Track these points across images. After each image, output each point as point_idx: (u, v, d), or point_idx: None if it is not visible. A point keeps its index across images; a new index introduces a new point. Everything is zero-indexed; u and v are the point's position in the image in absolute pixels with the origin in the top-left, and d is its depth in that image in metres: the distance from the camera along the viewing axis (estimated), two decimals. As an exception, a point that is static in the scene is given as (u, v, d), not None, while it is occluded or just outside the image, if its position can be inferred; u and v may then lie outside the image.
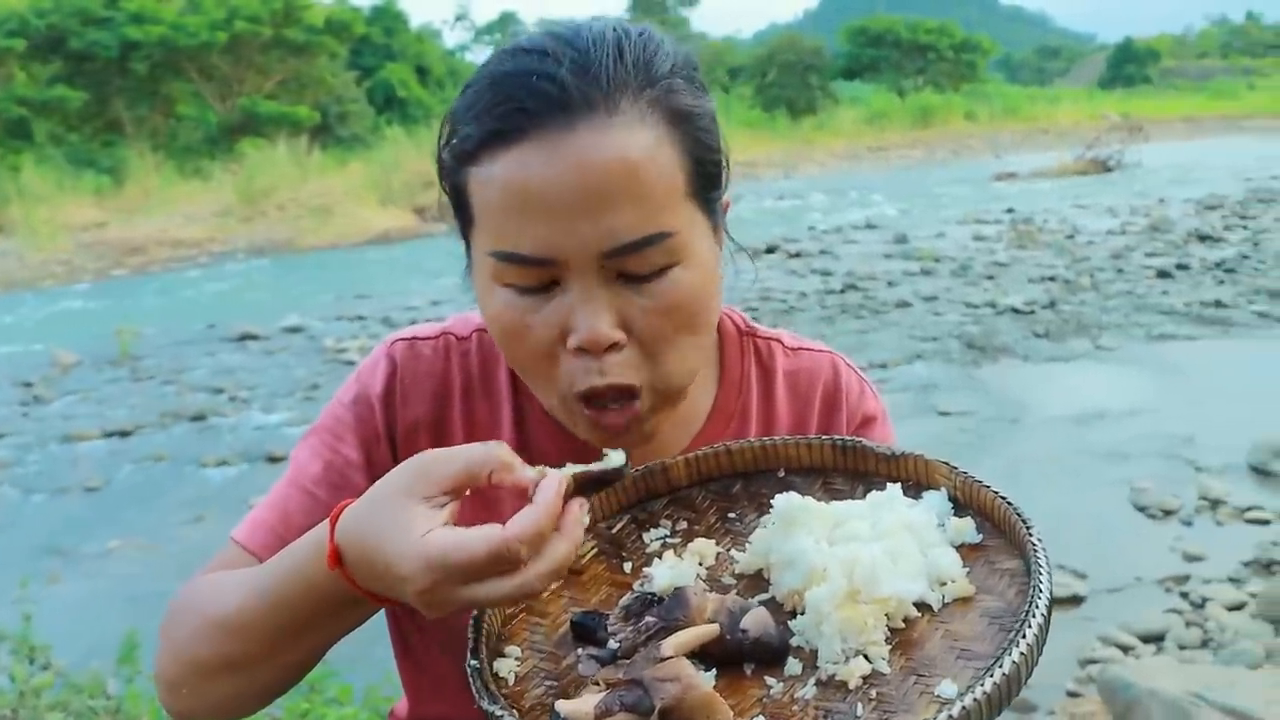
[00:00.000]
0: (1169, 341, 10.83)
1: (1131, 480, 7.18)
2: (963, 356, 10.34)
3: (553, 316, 1.09)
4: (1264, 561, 5.99)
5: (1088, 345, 10.70)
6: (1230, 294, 12.48)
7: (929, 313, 11.93)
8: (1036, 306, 11.91)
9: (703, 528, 1.16)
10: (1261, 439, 7.54)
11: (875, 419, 1.39)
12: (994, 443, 8.11)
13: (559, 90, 1.05)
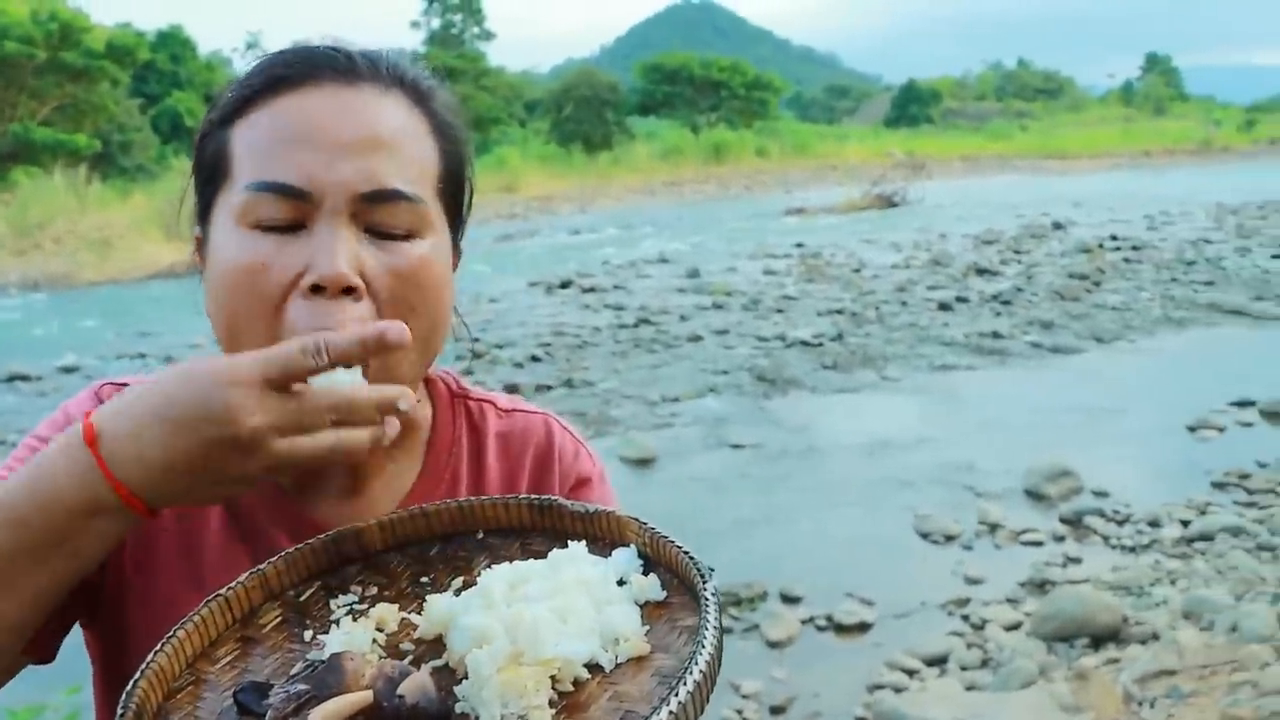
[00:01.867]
0: (950, 371, 11.23)
1: (915, 507, 7.41)
2: (753, 389, 10.51)
3: (294, 256, 1.05)
4: (1037, 581, 6.25)
5: (874, 376, 11.00)
6: (1006, 325, 13.03)
7: (720, 346, 12.09)
8: (825, 339, 12.19)
9: (393, 593, 1.11)
10: (1035, 464, 7.89)
11: (590, 481, 1.35)
12: (785, 474, 8.25)
13: (346, 60, 1.09)
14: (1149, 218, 24.36)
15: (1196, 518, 7.15)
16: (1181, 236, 20.71)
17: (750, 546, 6.92)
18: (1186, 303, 14.46)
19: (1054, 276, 16.16)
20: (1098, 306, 14.18)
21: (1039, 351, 12.01)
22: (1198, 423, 9.30)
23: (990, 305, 14.22)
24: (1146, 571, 6.32)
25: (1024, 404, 10.11)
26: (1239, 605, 5.13)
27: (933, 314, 13.76)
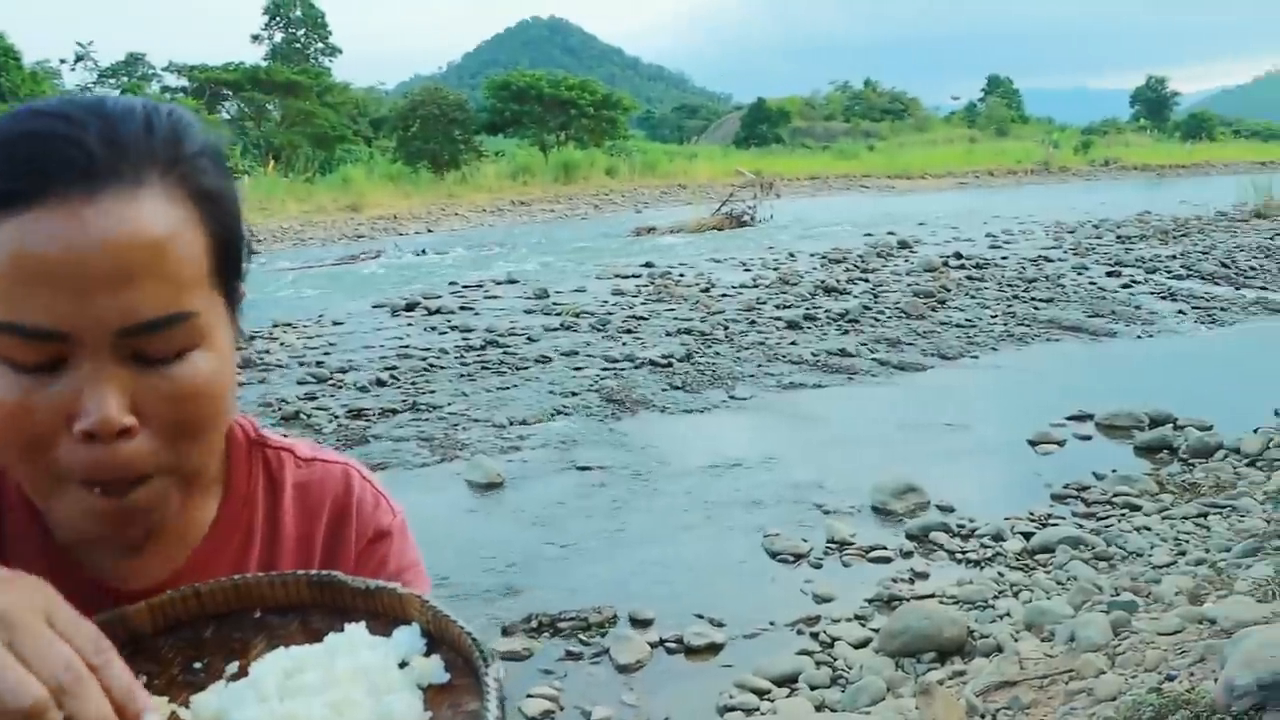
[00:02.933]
0: (798, 390, 11.31)
1: (765, 526, 7.41)
2: (602, 410, 10.44)
3: (59, 398, 0.95)
4: (885, 598, 6.28)
5: (723, 396, 11.02)
6: (853, 343, 13.19)
7: (569, 368, 11.99)
8: (674, 359, 12.17)
9: (163, 681, 1.01)
10: (881, 481, 7.95)
11: (390, 534, 1.30)
12: (634, 495, 8.19)
13: (84, 156, 0.94)
14: (992, 236, 24.99)
15: (1038, 530, 7.28)
16: (1023, 255, 21.27)
17: (599, 569, 6.84)
18: (1028, 319, 14.83)
19: (900, 295, 16.43)
20: (943, 324, 14.45)
21: (885, 369, 12.18)
22: (1038, 436, 9.51)
23: (838, 324, 14.40)
24: (990, 585, 6.39)
25: (871, 421, 10.23)
26: (1077, 615, 5.21)
27: (781, 333, 13.86)
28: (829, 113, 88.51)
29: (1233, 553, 6.09)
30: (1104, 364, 12.79)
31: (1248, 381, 11.58)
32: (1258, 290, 17.36)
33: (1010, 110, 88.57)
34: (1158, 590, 5.59)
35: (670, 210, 36.71)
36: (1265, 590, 4.77)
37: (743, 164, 51.21)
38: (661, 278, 18.69)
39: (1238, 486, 8.00)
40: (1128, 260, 20.35)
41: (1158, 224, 26.34)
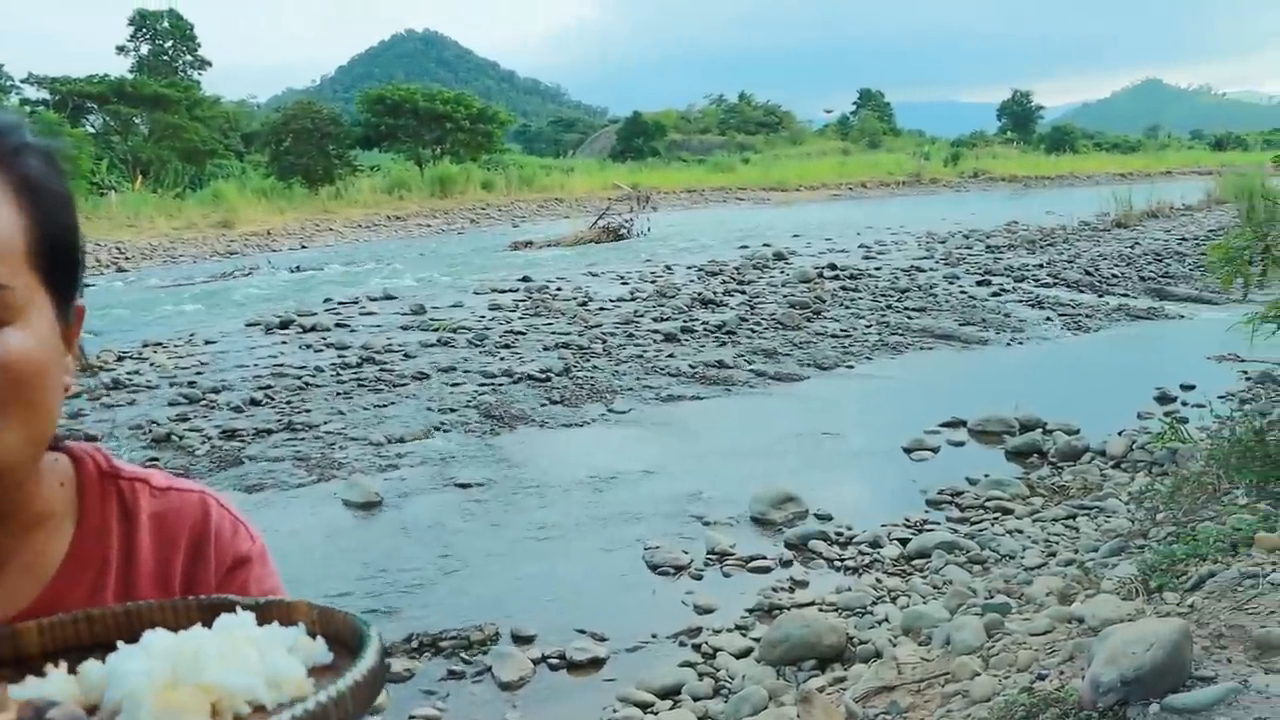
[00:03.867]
0: (677, 402, 11.36)
1: (645, 539, 7.41)
2: (481, 427, 10.37)
3: None
4: (766, 607, 6.31)
5: (601, 409, 11.02)
6: (731, 355, 13.29)
7: (447, 384, 11.88)
8: (552, 373, 12.13)
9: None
10: (760, 491, 8.01)
11: (249, 560, 1.28)
12: (514, 511, 8.14)
13: None
14: (865, 247, 25.37)
15: (914, 536, 7.39)
16: (896, 265, 21.61)
17: (480, 587, 6.78)
18: (901, 328, 15.08)
19: (776, 306, 16.60)
20: (818, 334, 14.63)
21: (763, 380, 12.28)
22: (913, 444, 9.66)
23: (715, 336, 14.49)
24: (868, 591, 6.47)
25: (749, 432, 10.31)
26: (953, 619, 5.29)
27: (659, 345, 13.91)
28: (704, 126, 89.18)
29: (1100, 553, 6.24)
30: (976, 371, 13.06)
31: (1112, 385, 11.92)
32: (1120, 297, 17.89)
33: (882, 123, 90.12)
34: (1029, 591, 5.70)
35: (547, 224, 36.72)
36: (1129, 588, 4.89)
37: (619, 177, 51.43)
38: (539, 292, 18.64)
39: (1104, 488, 8.22)
40: (997, 269, 20.82)
41: (1025, 234, 26.97)
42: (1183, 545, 5.02)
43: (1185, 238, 24.70)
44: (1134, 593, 4.81)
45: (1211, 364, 12.22)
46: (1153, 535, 5.94)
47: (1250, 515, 5.24)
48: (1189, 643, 3.45)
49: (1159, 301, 17.54)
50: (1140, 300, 17.65)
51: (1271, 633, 3.69)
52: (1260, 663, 3.53)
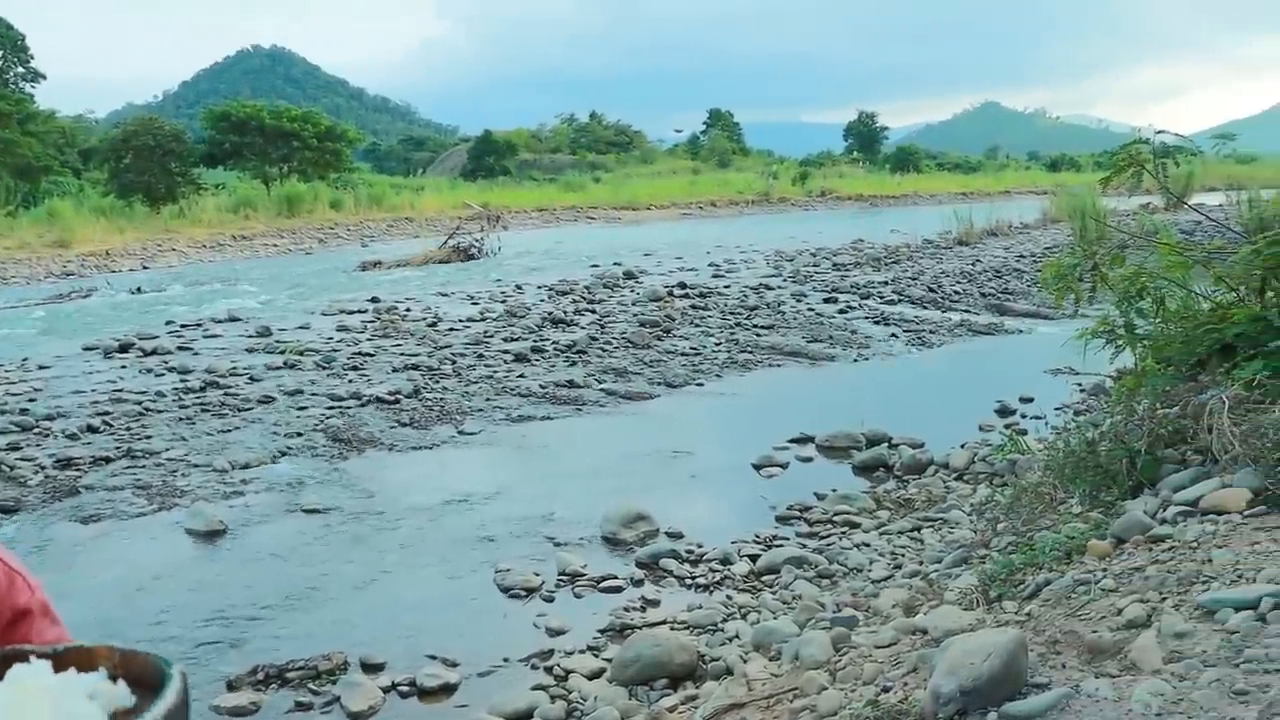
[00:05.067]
0: (527, 422, 11.31)
1: (496, 562, 7.35)
2: (329, 450, 10.19)
3: None
4: (618, 627, 6.31)
5: (451, 431, 10.92)
6: (581, 374, 13.29)
7: (293, 408, 11.65)
8: (401, 395, 11.99)
9: None
10: (611, 510, 8.00)
11: (30, 613, 1.23)
12: (362, 536, 8.01)
13: None
14: (715, 265, 25.62)
15: (764, 552, 7.47)
16: (745, 283, 21.85)
17: (329, 615, 6.64)
18: (750, 346, 15.25)
19: (627, 325, 16.66)
20: (668, 353, 14.71)
21: (613, 399, 12.31)
22: (762, 460, 9.76)
23: (566, 355, 14.48)
24: (719, 608, 6.50)
25: (601, 451, 10.32)
26: (802, 634, 5.34)
27: (509, 366, 13.84)
28: (555, 145, 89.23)
29: (944, 564, 6.37)
30: (823, 387, 13.27)
31: (955, 399, 12.22)
32: (962, 313, 18.37)
33: (731, 142, 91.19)
34: (876, 604, 5.79)
35: (398, 244, 36.35)
36: (970, 599, 5.00)
37: (470, 196, 51.22)
38: (388, 313, 18.40)
39: (948, 500, 8.40)
40: (844, 287, 21.21)
41: (871, 252, 27.51)
42: (1020, 554, 5.15)
43: (1023, 255, 25.44)
44: (975, 603, 4.92)
45: (1048, 377, 12.60)
46: (994, 545, 6.08)
47: (1083, 524, 5.40)
48: (1024, 651, 3.53)
49: (999, 317, 18.06)
50: (981, 316, 18.16)
51: (1102, 637, 3.80)
52: (1092, 667, 3.63)
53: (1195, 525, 4.79)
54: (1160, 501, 5.29)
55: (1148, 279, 6.86)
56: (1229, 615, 3.70)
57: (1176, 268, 6.99)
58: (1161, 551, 4.60)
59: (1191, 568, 4.29)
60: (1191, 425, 5.76)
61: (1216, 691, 3.16)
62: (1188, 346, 6.61)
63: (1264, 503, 4.80)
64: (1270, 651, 3.35)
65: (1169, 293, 7.00)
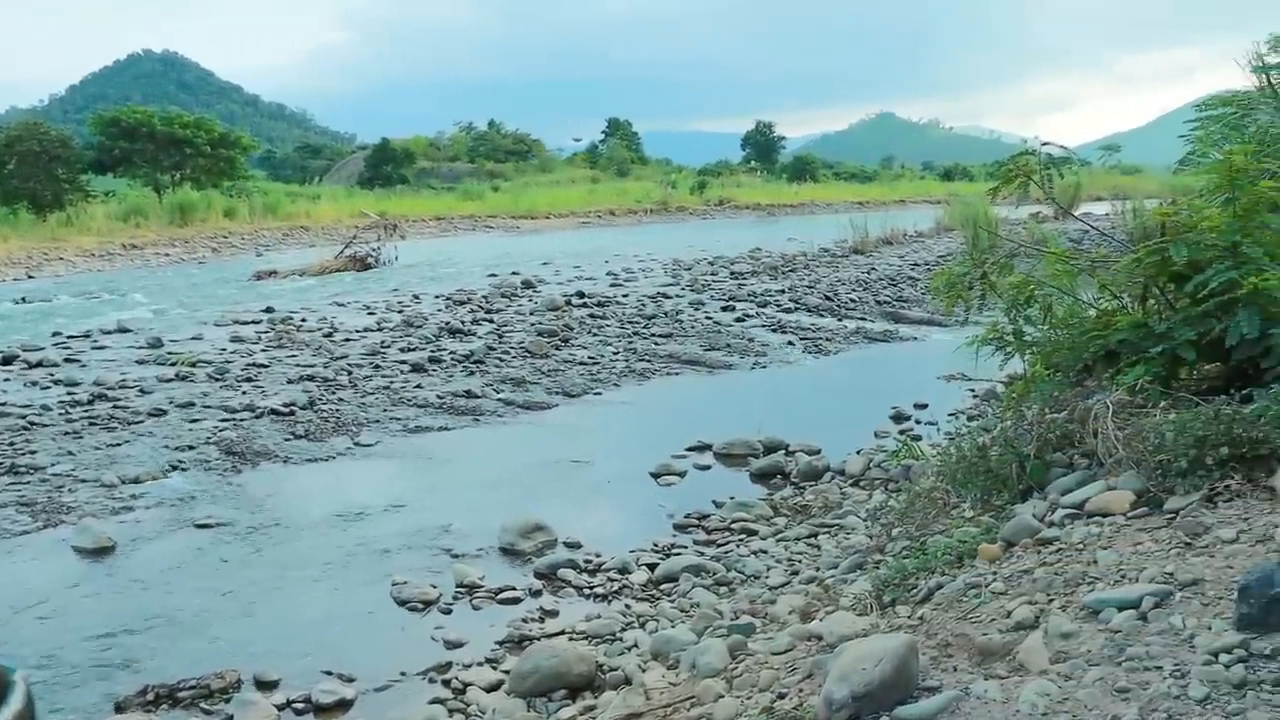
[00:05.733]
0: (425, 434, 11.22)
1: (393, 575, 7.27)
2: (222, 464, 10.00)
3: None
4: (516, 639, 6.28)
5: (348, 443, 10.79)
6: (479, 384, 13.22)
7: (185, 420, 11.41)
8: (296, 407, 11.81)
9: None
10: (509, 521, 7.97)
11: None
12: (256, 551, 7.87)
13: None
14: (613, 274, 25.66)
15: (662, 560, 7.49)
16: (643, 292, 21.91)
17: (221, 632, 6.51)
18: (648, 355, 15.29)
19: (525, 334, 16.61)
20: (566, 362, 14.70)
21: (511, 409, 12.26)
22: (660, 469, 9.79)
23: (463, 365, 14.39)
24: (618, 617, 6.51)
25: (498, 462, 10.27)
26: (700, 642, 5.35)
27: (406, 376, 13.72)
28: (454, 154, 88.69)
29: (840, 569, 6.43)
30: (721, 395, 13.36)
31: (851, 406, 12.38)
32: (857, 320, 18.61)
33: (630, 151, 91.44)
34: (773, 610, 5.83)
35: (293, 253, 35.86)
36: (864, 604, 5.06)
37: (367, 205, 50.76)
38: (283, 323, 18.12)
39: (844, 506, 8.50)
40: (741, 295, 21.36)
41: (768, 260, 27.72)
42: (913, 559, 5.22)
43: (918, 263, 25.85)
44: (869, 608, 4.98)
45: (942, 383, 12.81)
46: (889, 550, 6.15)
47: (975, 528, 5.49)
48: (915, 655, 3.58)
49: (894, 324, 18.34)
50: (877, 323, 18.41)
51: (992, 639, 3.87)
52: (981, 669, 3.69)
53: (1081, 527, 4.89)
54: (1049, 505, 5.40)
55: (1035, 287, 7.01)
56: (1112, 615, 3.79)
57: (1063, 276, 7.15)
58: (1049, 554, 4.69)
59: (1077, 569, 4.38)
60: (1078, 429, 5.89)
61: (1100, 690, 3.23)
62: (1074, 353, 6.76)
63: (1146, 504, 4.93)
64: (1151, 649, 3.44)
65: (1056, 300, 7.16)
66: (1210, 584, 3.90)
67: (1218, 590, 3.83)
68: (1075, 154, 7.85)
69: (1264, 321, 5.75)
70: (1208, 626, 3.53)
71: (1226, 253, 6.12)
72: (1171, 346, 6.05)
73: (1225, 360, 6.15)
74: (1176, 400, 5.64)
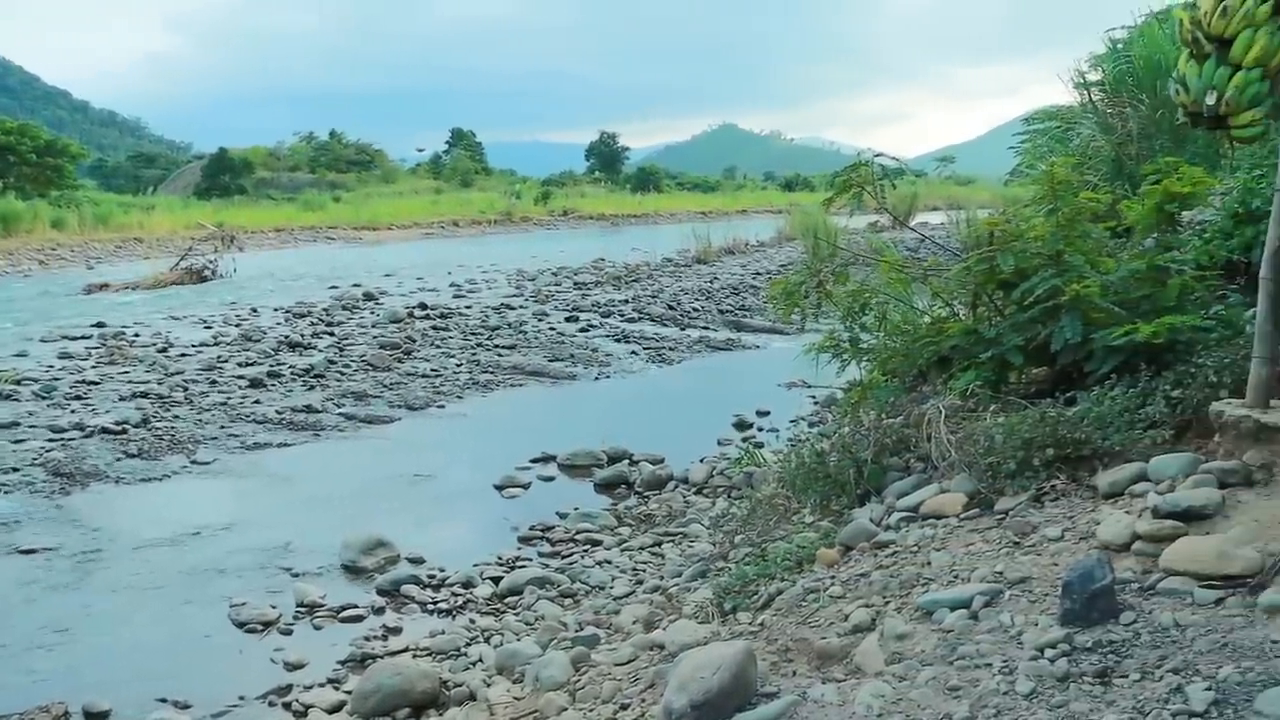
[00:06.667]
0: (264, 450, 10.98)
1: (231, 596, 7.09)
2: (49, 486, 9.61)
3: None
4: (358, 658, 6.18)
5: (184, 461, 10.49)
6: (320, 399, 12.98)
7: (8, 441, 10.93)
8: (129, 425, 11.43)
9: None
10: (350, 538, 7.84)
11: None
12: (87, 577, 7.59)
13: None
14: (457, 286, 25.48)
15: (506, 573, 7.46)
16: (486, 303, 21.81)
17: (49, 662, 6.27)
18: (492, 366, 15.21)
19: (366, 347, 16.38)
20: (409, 375, 14.53)
21: (353, 423, 12.07)
22: (504, 481, 9.74)
23: (303, 379, 14.11)
24: (462, 633, 6.46)
25: (340, 477, 10.09)
26: (544, 654, 5.34)
27: (244, 392, 13.39)
28: (294, 163, 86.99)
29: (683, 578, 6.47)
30: (565, 406, 13.36)
31: (695, 414, 12.48)
32: (700, 329, 18.79)
33: (474, 162, 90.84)
34: (617, 621, 5.85)
35: (126, 265, 34.77)
36: (706, 612, 5.10)
37: (204, 216, 49.54)
38: (115, 338, 17.53)
39: (688, 514, 8.56)
40: (585, 305, 21.40)
41: (612, 270, 27.83)
42: (754, 566, 5.28)
43: (759, 272, 26.20)
44: (710, 615, 5.02)
45: (784, 390, 13.01)
46: (732, 557, 6.21)
47: (814, 533, 5.58)
48: (753, 662, 3.62)
49: (736, 333, 18.57)
50: (719, 332, 18.62)
51: (830, 643, 3.93)
52: (820, 673, 3.75)
53: (917, 530, 5.01)
54: (886, 508, 5.52)
55: (870, 295, 7.17)
56: (945, 615, 3.88)
57: (897, 284, 7.33)
58: (886, 556, 4.79)
59: (912, 571, 4.48)
60: (914, 434, 6.03)
61: (933, 689, 3.30)
62: (909, 359, 6.93)
63: (978, 505, 5.07)
64: (981, 647, 3.53)
65: (891, 308, 7.33)
66: (1037, 581, 4.03)
67: (1044, 587, 3.95)
68: (907, 164, 8.05)
69: (1085, 326, 5.96)
70: (1035, 623, 3.64)
71: (1050, 261, 6.33)
72: (1000, 352, 6.24)
73: (1051, 364, 6.36)
74: (1006, 404, 5.81)
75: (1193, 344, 5.65)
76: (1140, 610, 3.60)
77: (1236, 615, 3.47)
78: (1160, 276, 6.31)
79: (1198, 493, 4.31)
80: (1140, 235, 6.92)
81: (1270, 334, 4.70)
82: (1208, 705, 2.88)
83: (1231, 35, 4.42)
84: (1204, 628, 3.41)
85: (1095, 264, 6.44)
